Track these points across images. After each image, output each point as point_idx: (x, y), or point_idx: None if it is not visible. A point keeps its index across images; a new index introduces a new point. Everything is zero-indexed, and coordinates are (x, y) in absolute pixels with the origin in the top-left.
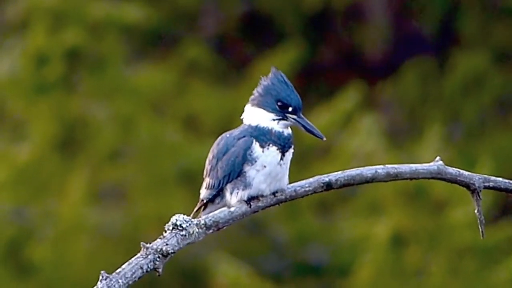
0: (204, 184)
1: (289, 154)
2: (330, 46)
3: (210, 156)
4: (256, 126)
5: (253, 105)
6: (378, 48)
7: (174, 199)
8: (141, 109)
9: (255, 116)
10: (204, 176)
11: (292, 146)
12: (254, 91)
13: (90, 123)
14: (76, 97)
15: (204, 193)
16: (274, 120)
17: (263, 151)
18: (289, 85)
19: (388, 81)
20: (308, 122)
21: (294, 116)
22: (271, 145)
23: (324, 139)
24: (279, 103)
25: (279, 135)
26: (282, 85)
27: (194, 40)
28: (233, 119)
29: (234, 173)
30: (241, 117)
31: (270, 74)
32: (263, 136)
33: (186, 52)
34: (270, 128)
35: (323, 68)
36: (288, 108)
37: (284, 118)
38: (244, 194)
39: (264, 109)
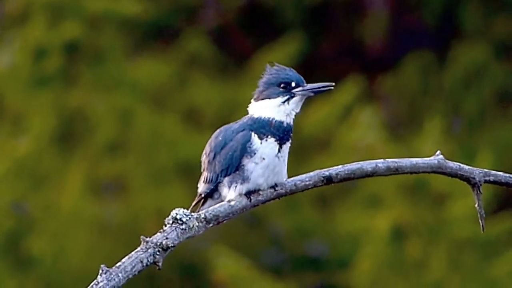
0: (202, 178)
1: (286, 147)
2: (330, 39)
3: (207, 149)
4: (258, 118)
5: (257, 100)
6: (379, 41)
7: (173, 192)
8: (141, 102)
9: (260, 108)
10: (201, 170)
11: (290, 140)
12: (255, 91)
13: (89, 116)
14: (75, 90)
15: (202, 187)
16: (283, 102)
17: (261, 143)
18: (286, 68)
19: (388, 73)
20: (313, 84)
21: (300, 88)
22: (269, 136)
23: (333, 85)
24: (282, 85)
25: (279, 126)
26: (279, 71)
27: (194, 32)
28: (233, 111)
29: (232, 167)
30: (247, 109)
31: (266, 69)
32: (262, 128)
33: (186, 44)
34: (270, 119)
35: (323, 60)
36: (291, 84)
37: (292, 95)
38: (242, 188)
39: (269, 98)
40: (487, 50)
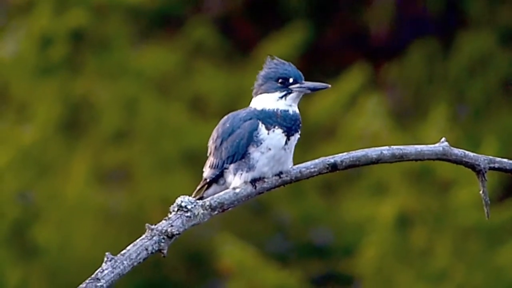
0: (208, 163)
1: (294, 139)
2: (336, 27)
3: (214, 135)
4: (262, 110)
5: (256, 95)
6: (384, 29)
7: (178, 180)
8: (146, 90)
9: (260, 101)
10: (208, 154)
11: (299, 131)
12: (255, 84)
13: (95, 104)
14: (81, 78)
15: (207, 172)
16: (280, 98)
17: (268, 133)
18: (285, 63)
19: (394, 62)
20: (311, 83)
21: (297, 85)
22: (276, 127)
23: (329, 86)
24: (279, 80)
25: (285, 115)
26: (278, 65)
27: (200, 21)
28: (238, 100)
29: (238, 154)
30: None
31: (266, 63)
32: (269, 118)
33: (191, 33)
34: (275, 109)
35: (328, 49)
36: (289, 80)
37: (289, 91)
38: (247, 176)
39: (267, 92)
40: (492, 38)
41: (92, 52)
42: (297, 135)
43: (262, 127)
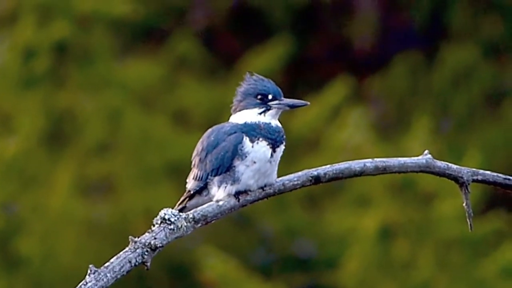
0: (192, 175)
1: (279, 151)
2: (319, 40)
3: (199, 147)
4: (245, 123)
5: (235, 112)
6: (367, 41)
7: (162, 192)
8: (129, 102)
9: (241, 117)
10: (192, 166)
11: (284, 143)
12: (233, 101)
13: (78, 116)
14: (64, 91)
15: (191, 184)
16: (259, 114)
17: (253, 146)
18: (264, 79)
19: (377, 74)
20: (290, 100)
21: (276, 101)
22: (261, 139)
23: (308, 103)
24: (258, 97)
25: (268, 127)
26: (257, 81)
27: (183, 34)
28: (222, 113)
29: (223, 167)
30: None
31: (245, 79)
32: (253, 131)
33: (175, 46)
34: (257, 122)
35: (312, 61)
36: (267, 97)
37: (268, 108)
38: (232, 188)
39: (247, 109)
40: (475, 51)
41: (76, 64)
42: (282, 147)
43: (246, 140)
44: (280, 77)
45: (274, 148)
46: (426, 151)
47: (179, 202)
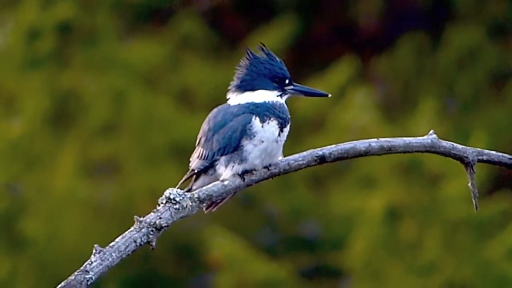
0: (196, 154)
1: (286, 131)
2: (324, 20)
3: (205, 127)
4: (264, 102)
5: (244, 90)
6: (372, 22)
7: (166, 172)
8: (134, 83)
9: (256, 97)
10: (196, 145)
11: (289, 123)
12: (239, 78)
13: (82, 97)
14: (68, 71)
15: (196, 163)
16: (277, 96)
17: (262, 126)
18: (277, 59)
19: (382, 55)
20: (305, 86)
21: (291, 86)
22: (272, 119)
23: (329, 95)
24: (276, 79)
25: (283, 108)
26: (273, 62)
27: (188, 14)
28: (226, 93)
29: (230, 147)
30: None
31: (251, 56)
32: (266, 110)
33: (179, 26)
34: (275, 101)
35: (316, 42)
36: (285, 81)
37: (284, 92)
38: (239, 168)
39: (263, 89)
40: (480, 32)
41: (80, 45)
42: (288, 126)
43: (255, 121)
44: (285, 58)
45: (282, 128)
46: (431, 131)
47: (182, 181)
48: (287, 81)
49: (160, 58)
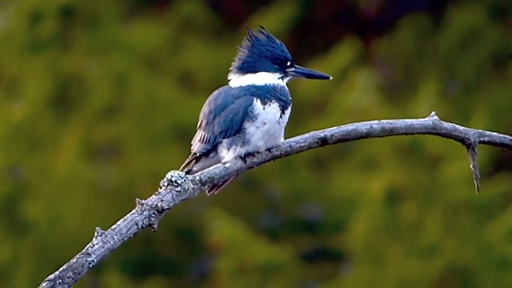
0: (198, 137)
1: (288, 113)
2: (325, 2)
3: (206, 110)
4: (264, 84)
5: (245, 72)
6: (373, 4)
7: (169, 155)
8: (136, 65)
9: (257, 79)
10: (197, 128)
11: (291, 105)
12: (240, 60)
13: (85, 80)
14: (71, 54)
15: (198, 146)
16: (278, 79)
17: (264, 108)
18: (278, 41)
19: (384, 37)
20: (306, 68)
21: (293, 69)
22: (273, 101)
23: (331, 78)
24: (277, 61)
25: (283, 90)
26: (274, 44)
27: None
28: (227, 75)
29: (232, 130)
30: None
31: (252, 38)
32: (267, 93)
33: (180, 8)
34: (276, 84)
35: (317, 24)
36: (286, 63)
37: (286, 74)
38: (241, 150)
39: (264, 71)
40: (482, 13)
41: (82, 28)
42: (290, 108)
43: (257, 103)
44: (286, 40)
45: (283, 110)
46: (433, 113)
47: (184, 164)
48: (288, 63)
49: (161, 41)
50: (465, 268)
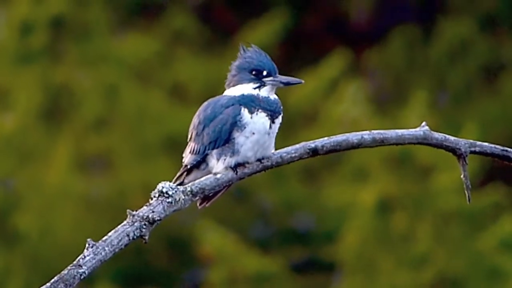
0: (188, 149)
1: (278, 122)
2: (316, 14)
3: (195, 121)
4: (242, 95)
5: (229, 86)
6: (364, 15)
7: (159, 166)
8: (126, 77)
9: (236, 90)
10: (188, 140)
11: (281, 114)
12: (228, 76)
13: (75, 91)
14: (61, 66)
15: (188, 158)
16: (254, 89)
17: (251, 117)
18: (260, 53)
19: (374, 48)
20: (284, 77)
21: (270, 78)
22: (260, 111)
23: (303, 81)
24: (253, 72)
25: (266, 100)
26: (253, 56)
27: (179, 8)
28: (218, 87)
29: (221, 140)
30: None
31: (240, 53)
32: (251, 102)
33: (171, 20)
34: (255, 94)
35: (308, 35)
36: (262, 72)
37: (263, 84)
38: (231, 161)
39: (241, 83)
40: (472, 24)
41: (73, 40)
42: (280, 118)
43: (244, 112)
44: (277, 51)
45: (273, 119)
46: (424, 123)
47: (176, 177)
48: (265, 73)
49: (152, 53)
50: (456, 278)
